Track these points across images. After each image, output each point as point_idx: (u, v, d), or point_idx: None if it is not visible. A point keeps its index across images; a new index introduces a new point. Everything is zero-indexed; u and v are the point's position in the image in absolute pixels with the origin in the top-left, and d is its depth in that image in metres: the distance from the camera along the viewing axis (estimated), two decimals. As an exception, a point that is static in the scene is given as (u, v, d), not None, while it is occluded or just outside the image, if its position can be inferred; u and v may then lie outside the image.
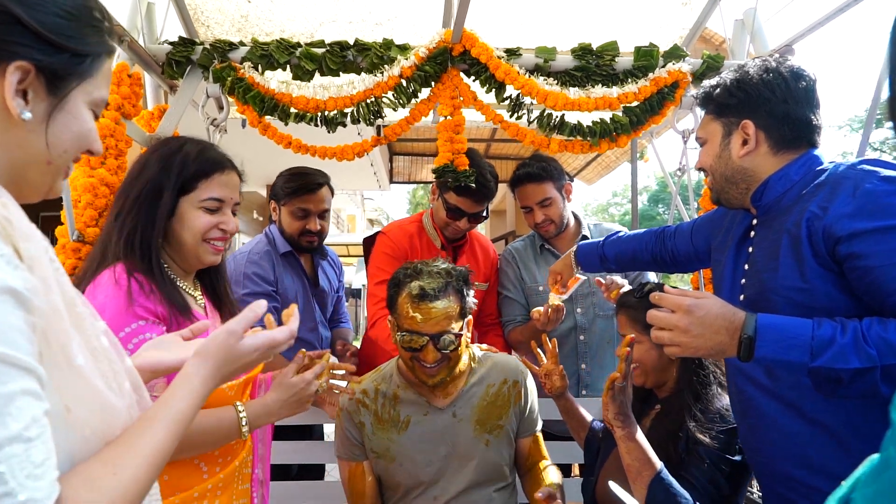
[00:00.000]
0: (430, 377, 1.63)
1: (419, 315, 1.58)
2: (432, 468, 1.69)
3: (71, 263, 1.91)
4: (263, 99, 2.30)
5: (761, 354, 1.13)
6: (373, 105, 2.36)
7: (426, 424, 1.70)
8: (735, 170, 1.37)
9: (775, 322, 1.14)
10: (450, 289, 1.62)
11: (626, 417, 1.50)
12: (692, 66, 2.43)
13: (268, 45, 2.34)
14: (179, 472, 1.25)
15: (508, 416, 1.75)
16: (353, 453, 1.74)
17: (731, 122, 1.36)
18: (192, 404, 0.84)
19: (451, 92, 2.38)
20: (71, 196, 1.96)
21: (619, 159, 7.14)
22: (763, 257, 1.32)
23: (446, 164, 2.29)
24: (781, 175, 1.33)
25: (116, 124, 2.07)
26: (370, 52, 2.34)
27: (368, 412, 1.71)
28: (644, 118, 2.41)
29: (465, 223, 2.40)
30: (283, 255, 2.46)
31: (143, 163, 1.39)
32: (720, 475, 1.46)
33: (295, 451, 2.25)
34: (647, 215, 19.44)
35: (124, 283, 1.27)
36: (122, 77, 2.13)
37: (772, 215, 1.34)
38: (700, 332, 1.16)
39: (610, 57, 2.41)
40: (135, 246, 1.32)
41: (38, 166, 0.77)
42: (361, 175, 7.90)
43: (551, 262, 2.48)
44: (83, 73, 0.78)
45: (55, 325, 0.69)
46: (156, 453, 0.75)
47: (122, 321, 1.23)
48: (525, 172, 2.43)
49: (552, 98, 2.33)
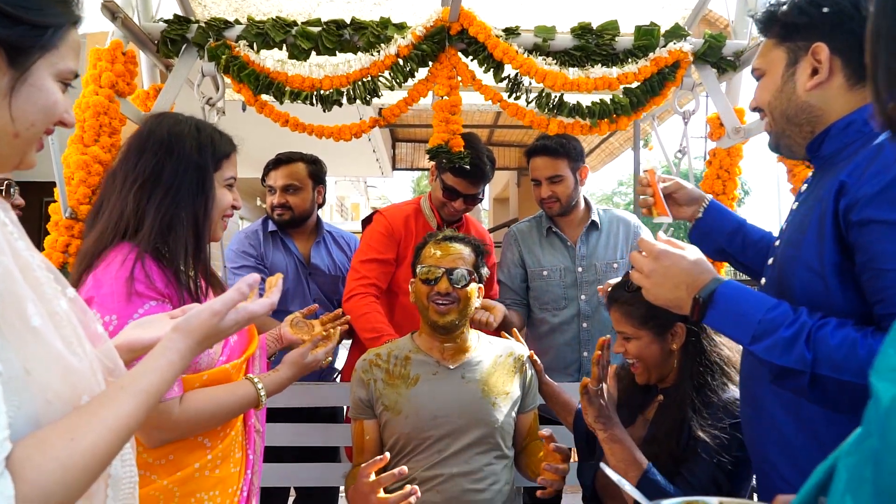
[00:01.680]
0: (441, 315, 1.74)
1: (439, 251, 1.79)
2: (436, 423, 1.74)
3: (64, 240, 1.91)
4: (259, 77, 2.28)
5: (708, 322, 1.09)
6: (369, 84, 2.33)
7: (435, 382, 1.78)
8: (799, 107, 1.14)
9: (734, 293, 1.07)
10: (468, 244, 1.84)
11: (608, 420, 1.49)
12: (693, 45, 2.39)
13: (264, 24, 2.31)
14: (184, 450, 1.26)
15: (513, 385, 1.84)
16: (360, 412, 1.83)
17: (798, 46, 1.12)
18: (165, 378, 0.83)
19: (448, 72, 2.35)
20: (64, 173, 1.96)
21: (622, 146, 7.09)
22: (794, 226, 1.15)
23: (440, 144, 2.26)
24: (847, 122, 1.10)
25: (110, 102, 2.06)
26: (367, 30, 2.31)
27: (380, 370, 1.81)
28: (644, 99, 2.37)
29: (460, 204, 2.39)
30: (272, 233, 2.60)
31: (166, 143, 1.34)
32: (721, 472, 1.41)
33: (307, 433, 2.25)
34: (651, 205, 19.31)
35: (136, 265, 1.25)
36: (117, 55, 2.12)
37: (829, 168, 1.12)
38: (660, 281, 1.13)
39: (610, 36, 2.37)
40: (173, 229, 1.31)
41: (5, 139, 0.76)
42: (364, 161, 7.88)
43: (557, 245, 2.46)
44: (45, 45, 0.76)
45: (8, 288, 0.67)
46: (120, 424, 0.74)
47: (135, 304, 1.22)
48: (542, 144, 2.41)
49: (551, 78, 2.30)
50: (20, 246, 0.73)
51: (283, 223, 2.58)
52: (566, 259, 2.45)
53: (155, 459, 1.24)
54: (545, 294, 2.44)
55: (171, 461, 1.25)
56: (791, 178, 2.31)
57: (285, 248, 2.59)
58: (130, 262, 1.24)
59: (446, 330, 1.78)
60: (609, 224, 2.51)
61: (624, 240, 2.49)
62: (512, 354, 1.88)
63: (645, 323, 1.57)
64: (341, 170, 9.55)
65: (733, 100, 2.56)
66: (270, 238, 2.58)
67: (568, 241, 2.47)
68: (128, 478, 0.83)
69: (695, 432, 1.43)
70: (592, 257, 2.43)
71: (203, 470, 1.27)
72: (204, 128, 1.41)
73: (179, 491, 1.24)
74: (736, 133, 2.44)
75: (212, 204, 1.37)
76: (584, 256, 2.44)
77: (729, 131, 2.47)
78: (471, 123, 6.51)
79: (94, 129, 1.99)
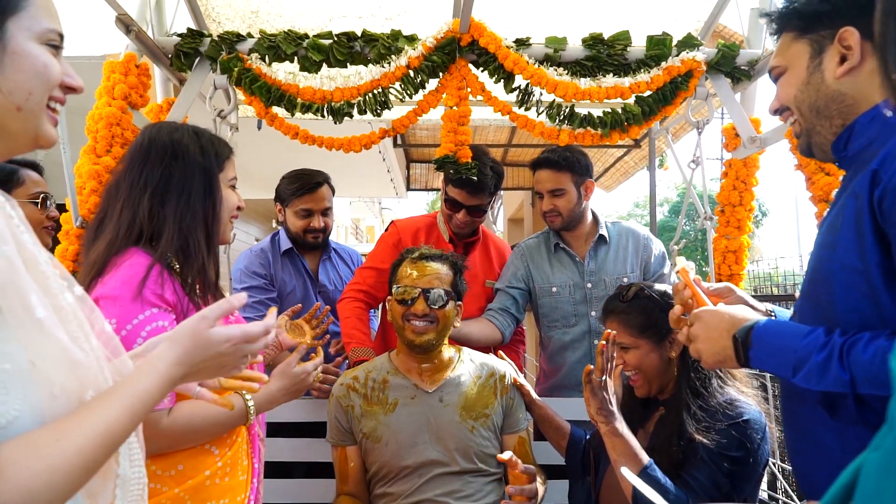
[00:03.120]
0: (418, 335, 1.72)
1: (415, 272, 1.76)
2: (416, 450, 1.72)
3: (74, 249, 1.91)
4: (270, 90, 2.29)
5: (754, 362, 1.05)
6: (380, 96, 2.34)
7: (413, 406, 1.76)
8: (829, 97, 1.07)
9: (773, 328, 1.04)
10: (446, 261, 1.81)
11: (609, 413, 1.48)
12: (706, 55, 2.37)
13: (275, 37, 2.33)
14: (194, 460, 1.26)
15: (494, 407, 1.79)
16: (341, 438, 1.80)
17: (822, 36, 1.07)
18: (156, 385, 0.81)
19: (458, 83, 2.35)
20: (76, 183, 1.97)
21: (637, 165, 7.06)
22: (826, 228, 1.07)
23: (447, 154, 2.25)
24: (872, 115, 1.03)
25: (123, 113, 2.08)
26: (378, 42, 2.32)
27: (358, 395, 1.79)
28: (656, 108, 2.35)
29: (463, 216, 2.36)
30: (285, 254, 2.55)
31: (170, 150, 1.35)
32: (720, 473, 1.41)
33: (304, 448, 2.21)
34: (667, 226, 19.20)
35: (143, 271, 1.25)
36: (130, 67, 2.15)
37: (861, 166, 1.04)
38: (706, 336, 1.11)
39: (622, 46, 2.36)
40: (191, 233, 1.32)
41: (9, 114, 0.75)
42: (379, 182, 7.91)
43: (566, 261, 2.41)
44: (10, 8, 0.74)
45: (11, 278, 0.67)
46: (108, 429, 0.72)
47: (135, 309, 1.22)
48: (545, 157, 2.38)
49: (562, 88, 2.28)
50: (26, 239, 0.73)
51: (314, 245, 2.56)
52: (575, 275, 2.39)
53: (164, 471, 1.23)
54: (555, 311, 2.39)
55: (180, 471, 1.24)
56: (810, 185, 2.26)
57: (295, 267, 2.57)
58: (143, 268, 1.24)
59: (423, 349, 1.75)
60: (618, 237, 2.45)
61: (634, 253, 2.43)
62: (494, 375, 1.83)
63: (643, 332, 1.56)
64: (356, 190, 9.60)
65: (748, 109, 2.53)
66: (282, 258, 2.55)
67: (576, 256, 2.41)
68: (136, 479, 0.83)
69: (693, 436, 1.43)
70: (601, 272, 2.37)
71: (213, 478, 1.27)
72: (202, 132, 1.42)
73: (191, 500, 1.24)
74: (752, 143, 2.40)
75: (220, 205, 1.38)
76: (594, 272, 2.38)
77: (745, 141, 2.43)
78: (484, 142, 6.52)
79: (106, 140, 2.01)
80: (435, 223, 2.50)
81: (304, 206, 2.49)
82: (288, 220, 2.55)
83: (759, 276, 5.47)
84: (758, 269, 5.46)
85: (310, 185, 2.49)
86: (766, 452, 1.48)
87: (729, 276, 2.66)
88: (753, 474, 1.46)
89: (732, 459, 1.42)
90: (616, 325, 1.59)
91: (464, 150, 2.26)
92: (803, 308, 1.12)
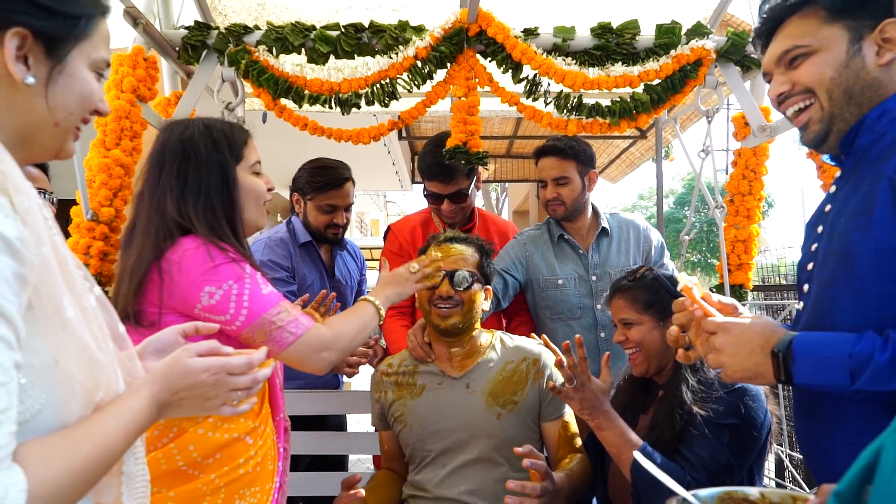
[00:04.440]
0: (443, 319, 1.69)
1: (439, 253, 1.74)
2: (441, 435, 1.71)
3: (85, 242, 1.92)
4: (277, 81, 2.29)
5: (800, 379, 0.99)
6: (387, 87, 2.33)
7: (439, 392, 1.74)
8: (867, 84, 1.07)
9: (812, 339, 1.00)
10: (472, 244, 1.78)
11: (594, 409, 1.50)
12: (716, 43, 2.35)
13: (283, 29, 2.33)
14: (231, 449, 1.30)
15: (525, 394, 1.72)
16: (379, 423, 1.85)
17: (861, 24, 1.07)
18: (145, 405, 0.82)
19: (466, 73, 2.34)
20: (86, 176, 1.97)
21: (643, 156, 7.03)
22: (848, 214, 1.07)
23: (458, 145, 2.24)
24: (882, 111, 1.06)
25: (132, 106, 2.08)
26: (385, 33, 2.31)
27: (390, 381, 1.81)
28: (665, 96, 2.34)
29: (447, 205, 2.34)
30: (302, 245, 2.47)
31: (181, 151, 1.38)
32: (720, 444, 1.43)
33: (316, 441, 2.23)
34: (673, 218, 19.14)
35: (204, 248, 1.31)
36: (138, 60, 2.14)
37: (864, 162, 1.08)
38: (734, 351, 1.05)
39: (630, 35, 2.35)
40: (219, 227, 1.36)
41: (45, 128, 0.80)
42: (384, 175, 7.91)
43: (569, 253, 2.39)
44: (79, 35, 0.80)
45: (46, 279, 0.69)
46: (108, 445, 0.74)
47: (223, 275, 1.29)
48: (551, 145, 2.35)
49: (570, 77, 2.27)
50: (58, 241, 0.76)
51: (333, 240, 2.51)
52: (579, 267, 2.37)
53: (203, 458, 1.27)
54: (560, 304, 2.36)
55: (217, 459, 1.28)
56: (821, 174, 2.25)
57: (312, 260, 2.51)
58: (202, 245, 1.30)
59: (450, 333, 1.73)
60: (619, 230, 2.43)
61: (636, 245, 2.41)
62: (526, 359, 1.76)
63: (648, 308, 1.61)
64: (361, 183, 9.57)
65: (757, 98, 2.51)
66: (300, 250, 2.48)
67: (580, 248, 2.39)
68: (141, 476, 0.85)
69: (690, 407, 1.46)
70: (606, 265, 2.36)
71: (246, 466, 1.31)
72: (213, 124, 1.43)
73: (225, 487, 1.27)
74: (762, 131, 2.39)
75: (238, 195, 1.39)
76: (598, 265, 2.36)
77: (755, 130, 2.41)
78: (489, 134, 6.49)
79: (115, 133, 2.01)
80: (430, 217, 2.49)
81: (329, 202, 2.41)
82: (309, 214, 2.45)
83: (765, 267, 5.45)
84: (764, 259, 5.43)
85: (337, 180, 2.41)
86: (765, 420, 1.49)
87: (738, 265, 2.65)
88: (754, 443, 1.47)
89: (731, 429, 1.44)
90: (624, 302, 1.64)
91: (474, 140, 2.25)
92: (825, 296, 1.10)
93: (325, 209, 2.41)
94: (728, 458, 1.43)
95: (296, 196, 2.51)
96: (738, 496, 1.12)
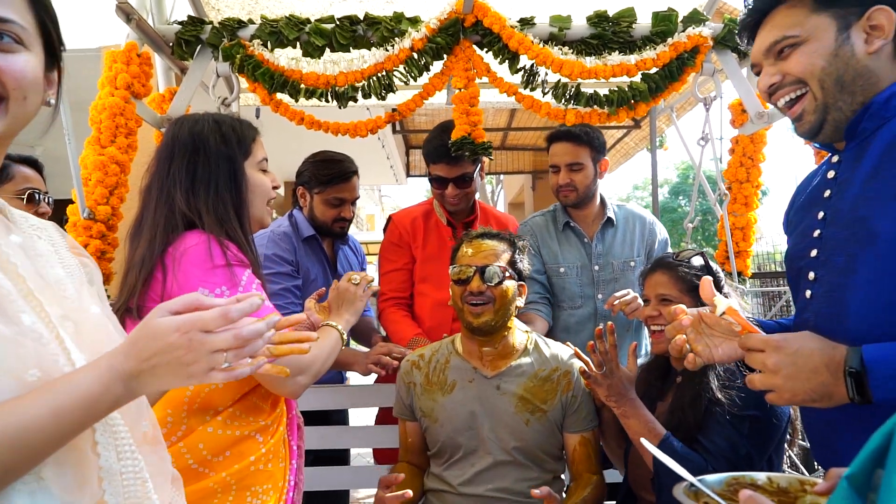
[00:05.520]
0: (476, 316, 1.66)
1: (471, 249, 1.71)
2: (470, 434, 1.70)
3: (82, 241, 1.90)
4: (273, 76, 2.27)
5: (881, 397, 0.93)
6: (384, 79, 2.31)
7: (470, 390, 1.73)
8: (858, 72, 1.07)
9: (886, 351, 0.94)
10: (503, 240, 1.75)
11: (620, 397, 1.51)
12: (713, 30, 2.35)
13: (277, 22, 2.31)
14: (240, 446, 1.30)
15: (554, 403, 1.71)
16: (403, 412, 1.83)
17: (848, 13, 1.07)
18: (93, 379, 0.72)
19: (464, 64, 2.33)
20: (81, 175, 1.95)
21: (637, 146, 7.03)
22: (865, 199, 1.06)
23: (464, 136, 2.23)
24: (889, 95, 1.06)
25: (126, 103, 2.06)
26: (380, 25, 2.29)
27: (420, 373, 1.79)
28: (663, 85, 2.33)
29: (451, 190, 2.32)
30: (306, 240, 2.45)
31: (191, 144, 1.38)
32: (739, 435, 1.43)
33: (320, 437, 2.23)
34: (668, 207, 19.17)
35: (205, 246, 1.31)
36: (132, 56, 2.12)
37: (871, 149, 1.07)
38: (793, 371, 0.98)
39: (627, 24, 2.33)
40: (227, 221, 1.36)
41: None
42: (379, 169, 7.89)
43: (573, 241, 2.39)
44: None
45: None
46: (22, 427, 0.66)
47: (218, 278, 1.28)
48: (565, 130, 2.34)
49: (567, 67, 2.26)
50: None
51: (339, 234, 2.49)
52: (582, 256, 2.38)
53: (213, 456, 1.27)
54: (561, 291, 2.37)
55: (227, 457, 1.28)
56: (819, 159, 2.25)
57: (315, 254, 2.48)
58: (204, 243, 1.30)
59: (482, 332, 1.69)
60: (625, 221, 2.43)
61: (640, 237, 2.42)
62: (557, 370, 1.73)
63: (690, 290, 1.56)
64: (356, 179, 9.55)
65: (755, 85, 2.51)
66: (303, 245, 2.44)
67: (584, 236, 2.39)
68: (131, 472, 0.77)
69: (714, 395, 1.45)
70: (609, 255, 2.36)
71: (257, 464, 1.31)
72: (223, 120, 1.43)
73: (237, 485, 1.28)
74: (759, 118, 2.39)
75: (247, 191, 1.40)
76: (601, 254, 2.37)
77: (752, 116, 2.41)
78: (484, 126, 6.47)
79: (110, 130, 1.99)
80: (432, 209, 2.48)
81: (337, 196, 2.38)
82: (316, 208, 2.41)
83: (760, 255, 5.48)
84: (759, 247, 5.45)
85: (345, 173, 2.39)
86: (786, 409, 1.50)
87: (736, 252, 2.66)
88: (774, 433, 1.47)
89: (751, 420, 1.43)
90: (666, 278, 1.60)
91: (478, 131, 2.24)
92: (842, 282, 1.08)
93: (333, 203, 2.39)
94: (748, 448, 1.42)
95: (301, 190, 2.47)
96: (746, 481, 1.12)
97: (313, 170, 2.39)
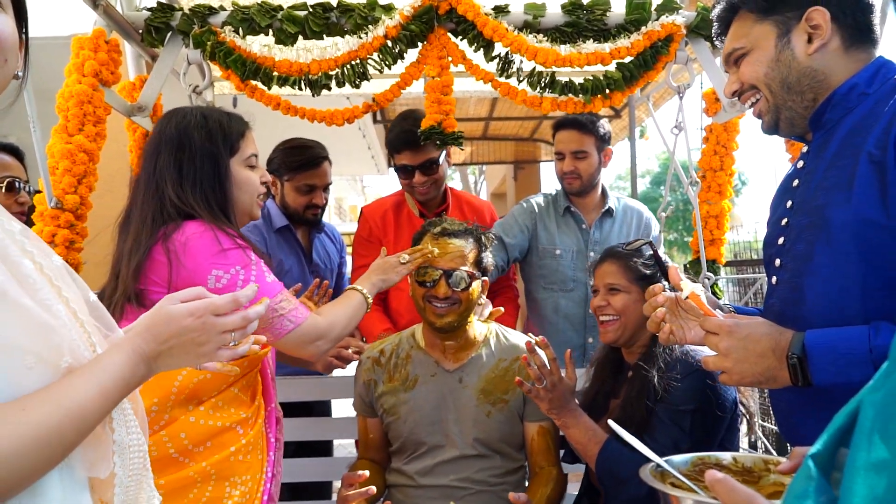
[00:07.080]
0: (439, 317, 1.65)
1: (437, 249, 1.65)
2: (433, 429, 1.69)
3: (50, 231, 1.87)
4: (245, 63, 2.24)
5: (820, 380, 0.97)
6: (358, 67, 2.29)
7: (432, 385, 1.72)
8: (801, 73, 1.12)
9: (826, 337, 0.98)
10: (469, 235, 1.70)
11: (560, 409, 1.52)
12: (686, 18, 2.35)
13: (249, 9, 2.27)
14: (221, 437, 1.32)
15: (515, 393, 1.70)
16: (363, 409, 1.81)
17: (787, 17, 1.13)
18: (125, 361, 0.80)
19: (438, 52, 2.31)
20: (48, 163, 1.92)
21: (618, 135, 7.04)
22: (826, 188, 1.09)
23: (433, 125, 2.22)
24: (850, 86, 1.10)
25: (94, 91, 2.02)
26: (354, 13, 2.27)
27: (381, 370, 1.76)
28: (638, 73, 2.33)
29: (419, 178, 2.31)
30: (279, 230, 2.43)
31: (176, 140, 1.40)
32: (680, 432, 1.45)
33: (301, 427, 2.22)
34: (649, 197, 19.27)
35: (210, 233, 1.35)
36: (100, 43, 2.08)
37: (834, 138, 1.11)
38: (742, 355, 1.02)
39: (601, 12, 2.33)
40: (213, 215, 1.39)
41: None
42: (359, 159, 7.84)
43: (572, 226, 2.44)
44: None
45: None
46: (79, 405, 0.71)
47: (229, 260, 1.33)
48: (572, 118, 2.38)
49: (542, 54, 2.26)
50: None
51: (312, 222, 2.47)
52: (579, 241, 2.43)
53: (194, 446, 1.28)
54: (554, 273, 2.42)
55: (207, 448, 1.30)
56: (790, 147, 2.28)
57: (289, 245, 2.47)
58: (208, 230, 1.33)
59: (445, 331, 1.69)
60: (623, 213, 2.50)
61: (636, 231, 2.49)
62: (518, 359, 1.72)
63: (638, 280, 1.60)
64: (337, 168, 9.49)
65: (728, 73, 2.52)
66: (276, 235, 2.43)
67: (584, 222, 2.44)
68: (136, 445, 0.83)
69: (656, 385, 1.48)
70: (605, 243, 2.39)
71: (237, 454, 1.32)
72: (210, 115, 1.44)
73: (216, 475, 1.29)
74: (733, 106, 2.40)
75: (231, 188, 1.41)
76: (598, 241, 2.42)
77: (725, 105, 2.43)
78: (465, 116, 6.46)
79: (77, 118, 1.95)
80: (403, 200, 2.48)
81: (307, 182, 2.37)
82: (287, 196, 2.40)
83: (738, 243, 5.56)
84: (737, 236, 5.55)
85: (314, 159, 2.38)
86: (727, 395, 1.50)
87: (710, 241, 2.68)
88: (720, 424, 1.49)
89: (692, 415, 1.45)
90: (615, 267, 1.62)
91: (449, 120, 2.23)
92: (802, 269, 1.11)
93: (304, 189, 2.38)
94: (690, 444, 1.42)
95: (272, 178, 2.44)
96: (711, 461, 1.14)
97: (283, 157, 2.38)
